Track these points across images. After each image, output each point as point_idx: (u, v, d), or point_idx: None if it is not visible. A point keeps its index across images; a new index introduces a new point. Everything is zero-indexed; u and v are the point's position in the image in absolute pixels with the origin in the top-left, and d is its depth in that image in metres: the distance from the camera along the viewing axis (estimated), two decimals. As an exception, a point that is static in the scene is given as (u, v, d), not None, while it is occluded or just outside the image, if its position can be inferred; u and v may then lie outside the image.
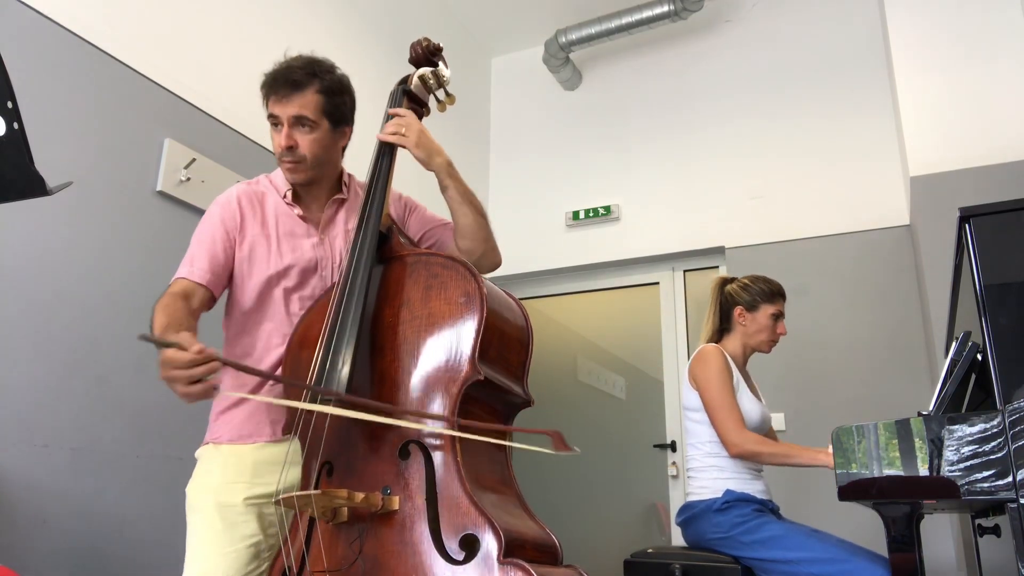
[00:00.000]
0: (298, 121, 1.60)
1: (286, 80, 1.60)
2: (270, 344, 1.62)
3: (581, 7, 4.38)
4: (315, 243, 1.68)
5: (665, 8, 4.16)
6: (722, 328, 2.56)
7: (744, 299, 2.50)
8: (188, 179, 2.64)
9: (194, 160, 2.67)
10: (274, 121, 1.63)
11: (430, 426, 1.35)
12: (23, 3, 2.23)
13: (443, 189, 1.68)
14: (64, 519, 2.16)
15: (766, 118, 4.14)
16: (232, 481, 1.55)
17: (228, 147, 2.83)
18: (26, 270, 2.17)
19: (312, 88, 1.60)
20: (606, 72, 4.72)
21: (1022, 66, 3.22)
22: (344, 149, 1.77)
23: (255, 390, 1.59)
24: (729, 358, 2.42)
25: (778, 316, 2.50)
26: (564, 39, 4.40)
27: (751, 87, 4.23)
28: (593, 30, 4.34)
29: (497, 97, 5.02)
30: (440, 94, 1.85)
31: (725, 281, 2.60)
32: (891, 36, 3.51)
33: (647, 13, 4.21)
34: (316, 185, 1.72)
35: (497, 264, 1.77)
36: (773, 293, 2.50)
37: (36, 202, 1.19)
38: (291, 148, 1.61)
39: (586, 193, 4.51)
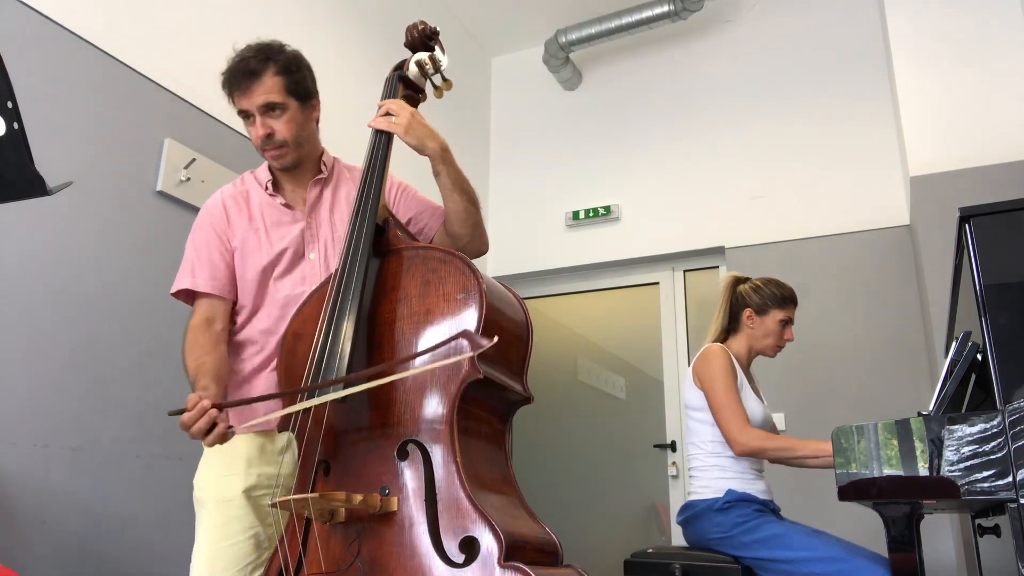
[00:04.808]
0: (268, 108, 1.62)
1: (243, 72, 1.61)
2: (267, 330, 1.64)
3: (581, 7, 4.38)
4: (302, 227, 1.69)
5: (665, 8, 4.16)
6: (729, 328, 2.52)
7: (755, 302, 2.46)
8: (188, 179, 2.64)
9: (194, 160, 2.67)
10: (245, 115, 1.65)
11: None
12: (23, 3, 2.23)
13: (436, 175, 1.66)
14: (64, 519, 2.16)
15: (766, 118, 4.14)
16: (229, 474, 1.56)
17: (228, 147, 2.82)
18: (26, 270, 2.17)
19: (270, 72, 1.61)
20: (606, 72, 4.72)
21: (1022, 66, 3.22)
22: (318, 122, 1.76)
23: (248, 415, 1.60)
24: (733, 358, 2.41)
25: (787, 322, 2.47)
26: (564, 39, 4.39)
27: (751, 87, 4.23)
28: (593, 30, 4.34)
29: (497, 97, 5.02)
30: (437, 80, 1.81)
31: (738, 281, 2.55)
32: (891, 36, 3.51)
33: (647, 13, 4.21)
34: (299, 168, 1.73)
35: (483, 250, 1.77)
36: (785, 298, 2.46)
37: (36, 202, 1.19)
38: (270, 136, 1.63)
39: (586, 193, 4.51)
